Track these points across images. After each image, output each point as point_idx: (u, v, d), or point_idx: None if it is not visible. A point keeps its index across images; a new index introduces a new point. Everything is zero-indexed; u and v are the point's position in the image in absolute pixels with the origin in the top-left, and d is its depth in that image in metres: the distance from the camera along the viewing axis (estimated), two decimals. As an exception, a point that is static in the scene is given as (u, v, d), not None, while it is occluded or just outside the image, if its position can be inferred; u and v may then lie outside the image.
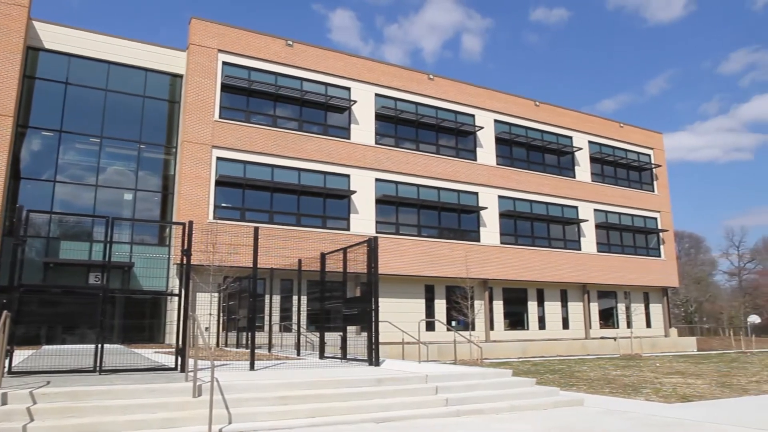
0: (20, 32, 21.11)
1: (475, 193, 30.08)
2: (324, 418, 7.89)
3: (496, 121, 31.70)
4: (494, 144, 31.37)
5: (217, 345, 19.03)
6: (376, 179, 27.13)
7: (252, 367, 10.28)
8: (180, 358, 9.25)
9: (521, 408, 9.39)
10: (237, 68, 24.75)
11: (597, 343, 30.02)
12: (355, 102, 27.06)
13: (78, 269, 21.99)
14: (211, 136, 23.55)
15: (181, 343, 9.30)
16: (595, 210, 34.51)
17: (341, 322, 12.81)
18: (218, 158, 23.65)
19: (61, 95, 22.87)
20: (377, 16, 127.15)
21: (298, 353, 15.08)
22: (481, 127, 30.72)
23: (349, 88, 27.31)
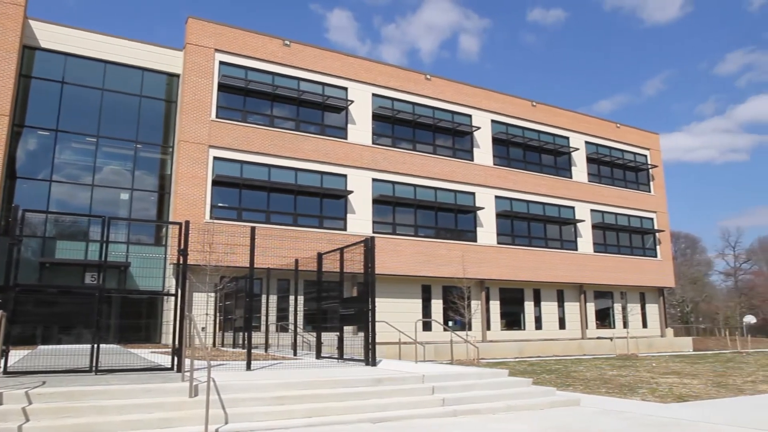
0: (16, 31, 21.06)
1: (472, 193, 30.11)
2: (321, 418, 7.89)
3: (493, 122, 31.74)
4: (491, 144, 31.41)
5: (214, 345, 19.01)
6: (373, 179, 27.13)
7: (249, 367, 10.28)
8: (176, 358, 9.25)
9: (518, 408, 9.40)
10: (234, 68, 24.73)
11: (593, 343, 30.07)
12: (352, 102, 27.06)
13: (74, 269, 21.95)
14: (207, 136, 23.52)
15: (177, 343, 9.30)
16: (592, 210, 34.57)
17: (338, 322, 12.83)
18: (215, 158, 23.62)
19: (58, 94, 22.82)
20: (375, 16, 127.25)
21: (295, 353, 15.09)
22: (478, 128, 30.75)
23: (346, 88, 27.30)
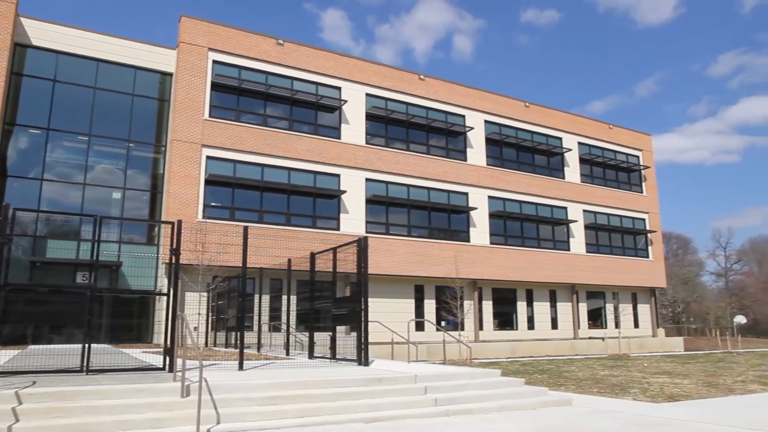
0: (8, 29, 20.91)
1: (465, 194, 30.16)
2: (313, 418, 7.88)
3: (487, 122, 31.80)
4: (484, 144, 31.47)
5: (206, 345, 18.94)
6: (367, 179, 27.12)
7: (241, 367, 10.25)
8: (168, 358, 9.21)
9: (510, 408, 9.43)
10: (227, 67, 24.65)
11: (585, 343, 30.20)
12: (346, 102, 27.04)
13: (65, 268, 21.81)
14: (200, 135, 23.44)
15: (169, 342, 9.26)
16: (584, 211, 34.71)
17: (331, 322, 12.80)
18: (208, 157, 23.54)
19: (49, 93, 22.67)
20: (369, 15, 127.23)
21: (288, 353, 15.05)
22: (472, 128, 30.81)
23: (339, 88, 27.28)
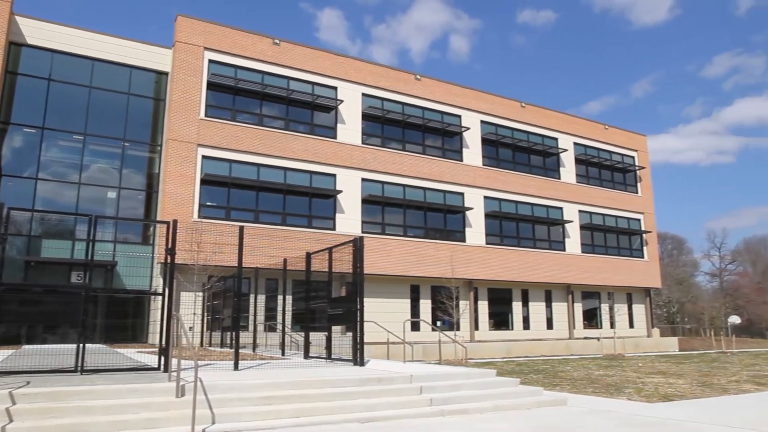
0: (3, 27, 20.82)
1: (461, 194, 30.18)
2: (308, 418, 7.87)
3: (483, 122, 31.84)
4: (480, 145, 31.50)
5: (201, 345, 18.92)
6: (363, 179, 27.11)
7: (236, 367, 10.23)
8: (163, 358, 9.19)
9: (505, 408, 9.44)
10: (223, 66, 24.60)
11: (581, 343, 30.27)
12: (342, 101, 27.02)
13: (60, 268, 21.73)
14: (196, 135, 23.38)
15: (164, 342, 9.24)
16: (580, 211, 34.79)
17: (326, 322, 12.80)
18: (204, 157, 23.48)
19: (44, 92, 22.58)
20: (365, 15, 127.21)
21: (283, 353, 15.04)
22: (468, 128, 30.84)
23: (336, 88, 27.26)
